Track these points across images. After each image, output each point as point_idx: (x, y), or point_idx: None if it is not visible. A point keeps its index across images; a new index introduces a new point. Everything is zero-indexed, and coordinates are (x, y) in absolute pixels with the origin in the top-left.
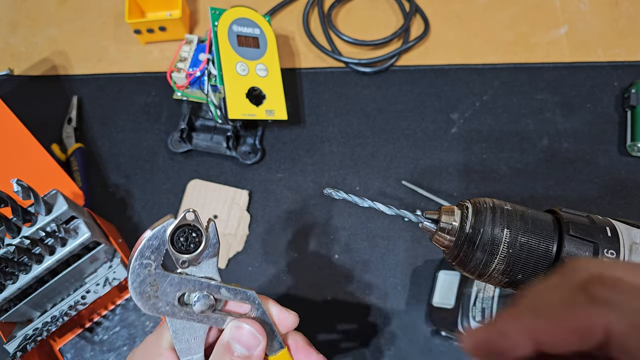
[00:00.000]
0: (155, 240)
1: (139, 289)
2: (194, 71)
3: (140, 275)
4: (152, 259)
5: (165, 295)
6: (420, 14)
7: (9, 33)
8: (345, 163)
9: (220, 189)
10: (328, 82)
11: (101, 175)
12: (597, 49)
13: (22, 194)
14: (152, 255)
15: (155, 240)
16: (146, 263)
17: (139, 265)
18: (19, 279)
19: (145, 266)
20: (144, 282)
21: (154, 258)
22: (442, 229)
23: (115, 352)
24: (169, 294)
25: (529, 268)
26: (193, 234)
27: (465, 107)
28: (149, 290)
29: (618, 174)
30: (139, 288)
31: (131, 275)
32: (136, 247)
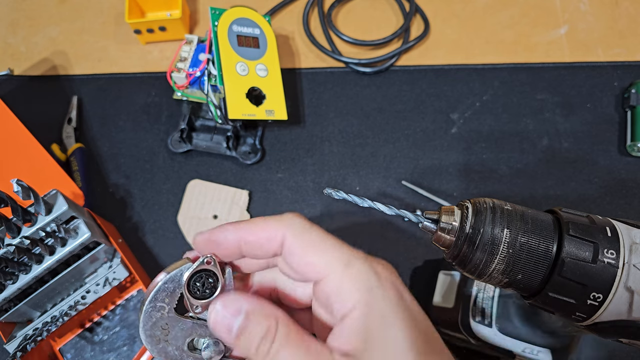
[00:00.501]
0: (172, 283)
1: (150, 331)
2: (194, 71)
3: (152, 318)
4: (166, 302)
5: (176, 339)
6: (420, 14)
7: (8, 33)
8: (345, 163)
9: (220, 189)
10: (328, 82)
11: (101, 175)
12: (597, 49)
13: (22, 194)
14: (167, 298)
15: (172, 283)
16: (160, 306)
17: (152, 308)
18: (19, 279)
19: (158, 309)
20: (156, 325)
21: (168, 301)
22: (442, 229)
23: (115, 352)
24: (179, 339)
25: (529, 268)
26: (209, 279)
27: (465, 107)
28: (159, 333)
29: (618, 174)
30: (149, 331)
31: (144, 318)
32: (151, 289)
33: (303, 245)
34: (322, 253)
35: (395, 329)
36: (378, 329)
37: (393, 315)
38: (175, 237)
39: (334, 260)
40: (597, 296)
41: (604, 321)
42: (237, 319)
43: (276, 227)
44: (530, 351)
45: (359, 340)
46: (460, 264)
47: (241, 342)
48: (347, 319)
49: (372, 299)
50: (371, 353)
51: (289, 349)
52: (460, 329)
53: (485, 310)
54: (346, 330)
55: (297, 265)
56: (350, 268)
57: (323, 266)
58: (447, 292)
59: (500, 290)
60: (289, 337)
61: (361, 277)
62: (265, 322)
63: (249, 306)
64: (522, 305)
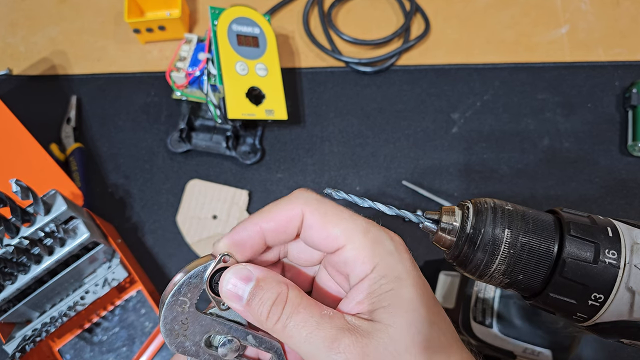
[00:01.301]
0: (195, 279)
1: (170, 325)
2: (193, 71)
3: (173, 312)
4: (188, 297)
5: (194, 335)
6: (421, 13)
7: (8, 33)
8: (345, 163)
9: (219, 189)
10: (328, 82)
11: (100, 175)
12: (598, 48)
13: (21, 194)
14: (189, 293)
15: (195, 279)
16: (182, 301)
17: (174, 302)
18: (17, 279)
19: (180, 304)
20: (176, 319)
21: (189, 297)
22: (442, 229)
23: (114, 353)
24: (197, 334)
25: (530, 268)
26: None
27: (465, 106)
28: (179, 328)
29: (619, 173)
30: (170, 325)
31: (165, 311)
32: (173, 284)
33: (321, 218)
34: (341, 223)
35: (409, 288)
36: (394, 288)
37: (407, 277)
38: (175, 237)
39: (353, 229)
40: (598, 296)
41: (605, 322)
42: (248, 286)
43: (292, 207)
44: (531, 352)
45: (374, 300)
46: (461, 265)
47: (252, 308)
48: (365, 280)
49: (389, 262)
50: (386, 309)
51: (302, 313)
52: (460, 329)
53: (486, 311)
54: (364, 290)
55: (317, 237)
56: (368, 235)
57: (342, 236)
58: (448, 292)
59: (501, 291)
60: (301, 302)
61: (379, 243)
62: (276, 288)
63: (260, 274)
64: (523, 306)
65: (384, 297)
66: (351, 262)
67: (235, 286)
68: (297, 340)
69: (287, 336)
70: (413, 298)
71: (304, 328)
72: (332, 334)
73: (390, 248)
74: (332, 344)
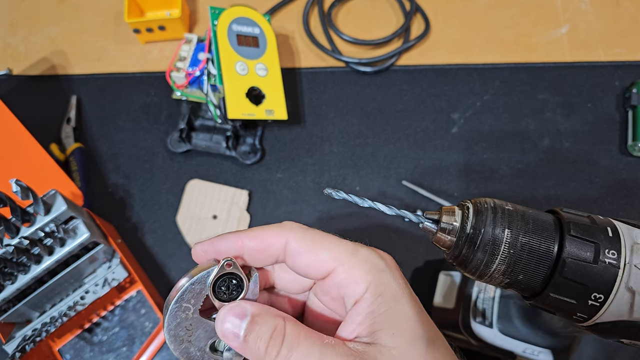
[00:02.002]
0: (198, 285)
1: (174, 331)
2: (193, 71)
3: (177, 318)
4: (191, 303)
5: (198, 340)
6: (421, 13)
7: (8, 33)
8: (345, 163)
9: (219, 189)
10: (328, 82)
11: (100, 175)
12: (598, 48)
13: (21, 194)
14: (192, 299)
15: (198, 285)
16: (185, 307)
17: (177, 308)
18: (17, 279)
19: (184, 310)
20: (180, 325)
21: (193, 302)
22: (442, 229)
23: (114, 353)
24: (201, 340)
25: (530, 268)
26: (234, 281)
27: (465, 106)
28: (183, 334)
29: (619, 173)
30: (174, 331)
31: (169, 317)
32: (176, 290)
33: (308, 244)
34: (328, 247)
35: (406, 306)
36: (391, 307)
37: (402, 294)
38: (175, 237)
39: (341, 251)
40: (598, 296)
41: (605, 322)
42: (243, 322)
43: (277, 232)
44: (531, 352)
45: (374, 320)
46: (461, 265)
47: (250, 344)
48: (362, 301)
49: (383, 279)
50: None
51: (303, 345)
52: (460, 329)
53: (486, 311)
54: (362, 311)
55: (306, 262)
56: (357, 255)
57: (331, 259)
58: (448, 292)
59: (501, 291)
60: (300, 333)
61: (369, 262)
62: (272, 322)
63: (255, 309)
64: (523, 306)
65: (383, 318)
66: (344, 285)
67: (230, 323)
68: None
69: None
70: (411, 316)
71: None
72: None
73: (381, 266)
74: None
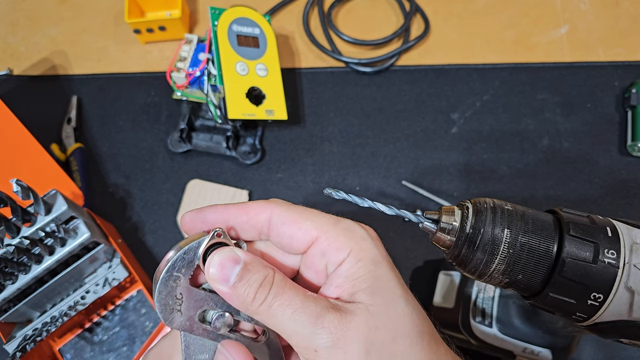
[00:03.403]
0: (188, 254)
1: (164, 300)
2: (193, 71)
3: (168, 287)
4: (182, 272)
5: (188, 310)
6: (421, 14)
7: (8, 33)
8: (345, 163)
9: (220, 189)
10: (328, 82)
11: (101, 175)
12: (597, 48)
13: (22, 194)
14: (183, 269)
15: (188, 254)
16: (176, 276)
17: (168, 277)
18: (18, 279)
19: (174, 279)
20: (170, 294)
21: (184, 272)
22: (442, 229)
23: (114, 353)
24: (191, 309)
25: (530, 268)
26: None
27: (465, 107)
28: (173, 303)
29: (619, 173)
30: (164, 300)
31: (160, 286)
32: (166, 261)
33: (292, 215)
34: (311, 218)
35: (385, 270)
36: (371, 270)
37: (382, 259)
38: (175, 237)
39: (324, 221)
40: (597, 296)
41: (604, 321)
42: (236, 267)
43: (263, 205)
44: (531, 351)
45: (355, 282)
46: (461, 264)
47: (238, 290)
48: (342, 265)
49: (364, 246)
50: (366, 290)
51: (287, 293)
52: (460, 329)
53: (486, 311)
54: (342, 274)
55: (289, 233)
56: (339, 225)
57: (314, 228)
58: (448, 292)
59: (500, 291)
60: (286, 285)
61: (352, 230)
62: (263, 271)
63: (247, 257)
64: (523, 306)
65: (362, 280)
66: (327, 252)
67: (223, 267)
68: (281, 319)
69: (271, 316)
70: (390, 278)
71: (288, 307)
72: (316, 312)
73: (362, 234)
74: (316, 320)
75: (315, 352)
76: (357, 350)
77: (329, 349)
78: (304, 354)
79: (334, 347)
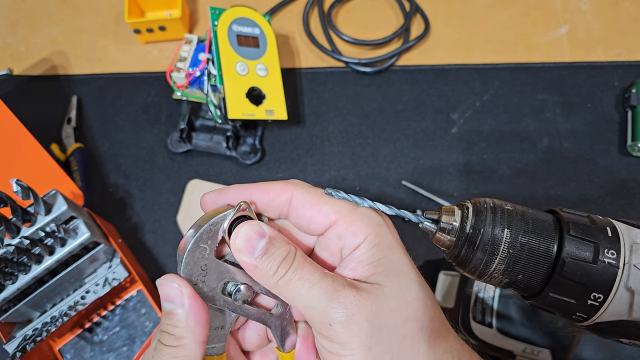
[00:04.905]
0: (215, 226)
1: (191, 271)
2: (193, 71)
3: (194, 258)
4: (208, 244)
5: (211, 281)
6: (421, 14)
7: (8, 33)
8: (345, 163)
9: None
10: (328, 82)
11: (101, 175)
12: (597, 48)
13: (22, 194)
14: (209, 240)
15: (215, 226)
16: (202, 247)
17: (195, 248)
18: (18, 279)
19: (201, 250)
20: (196, 264)
21: (210, 244)
22: (442, 229)
23: (114, 353)
24: (214, 281)
25: (530, 268)
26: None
27: (465, 107)
28: (198, 274)
29: (619, 173)
30: (190, 270)
31: (187, 256)
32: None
33: (312, 198)
34: (330, 202)
35: (400, 255)
36: (386, 255)
37: (397, 245)
38: (175, 237)
39: (342, 206)
40: (597, 296)
41: (604, 321)
42: (262, 241)
43: (284, 186)
44: (531, 351)
45: (370, 265)
46: (461, 264)
47: (262, 262)
48: (358, 249)
49: (380, 232)
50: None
51: (307, 268)
52: (460, 329)
53: (486, 311)
54: (357, 259)
55: (309, 215)
56: (357, 210)
57: (333, 212)
58: (448, 292)
59: (500, 291)
60: (306, 262)
61: (369, 216)
62: (286, 247)
63: (272, 232)
64: (523, 306)
65: (378, 264)
66: (343, 236)
67: (249, 239)
68: (299, 293)
69: (290, 289)
70: (404, 263)
71: (307, 281)
72: (334, 287)
73: (379, 221)
74: (333, 295)
75: (330, 326)
76: (369, 327)
77: (343, 324)
78: (319, 328)
79: (348, 322)
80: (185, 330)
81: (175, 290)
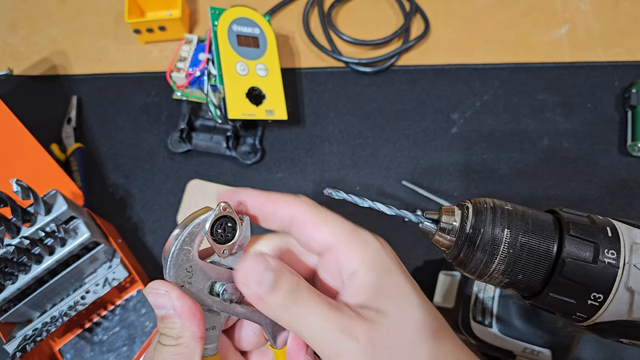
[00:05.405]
0: (197, 228)
1: (176, 273)
2: (193, 71)
3: (179, 260)
4: (191, 246)
5: (198, 282)
6: (421, 14)
7: (8, 33)
8: (345, 163)
9: (220, 189)
10: (328, 82)
11: (101, 175)
12: (597, 48)
13: (22, 194)
14: (192, 242)
15: (197, 228)
16: (186, 249)
17: (179, 250)
18: (18, 279)
19: (185, 252)
20: (181, 267)
21: (193, 245)
22: (442, 229)
23: (114, 353)
24: (200, 282)
25: (530, 268)
26: (229, 225)
27: (465, 107)
28: (184, 276)
29: (619, 173)
30: (176, 273)
31: (171, 259)
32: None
33: (313, 217)
34: (331, 224)
35: (400, 278)
36: (386, 279)
37: (396, 268)
38: None
39: (342, 229)
40: (597, 296)
41: (604, 321)
42: (268, 274)
43: (291, 200)
44: (531, 351)
45: (370, 291)
46: (461, 265)
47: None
48: (358, 273)
49: (378, 256)
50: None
51: (313, 303)
52: (460, 329)
53: (486, 311)
54: (357, 284)
55: (308, 234)
56: (356, 234)
57: (330, 234)
58: (448, 292)
59: (500, 291)
60: (312, 293)
61: (367, 241)
62: (290, 278)
63: (276, 264)
64: (523, 306)
65: (378, 289)
66: (341, 260)
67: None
68: (307, 326)
69: (297, 322)
70: (405, 285)
71: (315, 314)
72: (343, 320)
73: (377, 246)
74: (343, 328)
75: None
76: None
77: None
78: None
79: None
80: (181, 330)
81: (163, 296)
